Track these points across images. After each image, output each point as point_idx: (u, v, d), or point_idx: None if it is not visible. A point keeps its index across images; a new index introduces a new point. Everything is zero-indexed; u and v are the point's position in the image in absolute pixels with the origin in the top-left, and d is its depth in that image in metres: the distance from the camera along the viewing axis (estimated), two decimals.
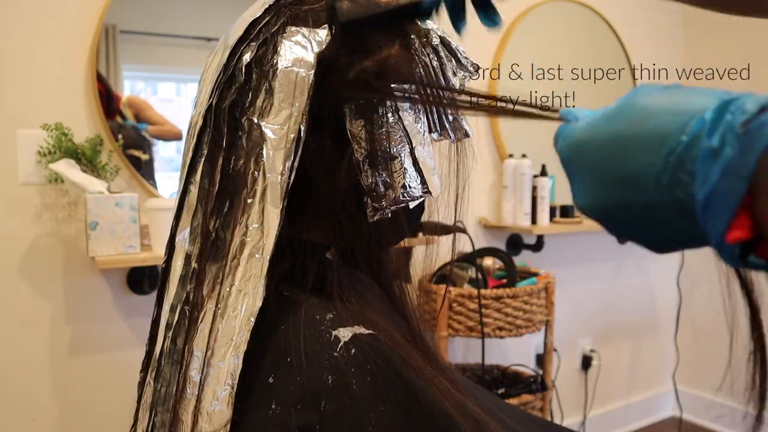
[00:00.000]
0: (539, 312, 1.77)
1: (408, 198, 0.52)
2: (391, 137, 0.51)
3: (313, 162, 0.50)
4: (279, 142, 0.48)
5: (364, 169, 0.50)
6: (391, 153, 0.51)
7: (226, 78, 0.49)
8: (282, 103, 0.48)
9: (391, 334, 0.48)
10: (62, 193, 1.46)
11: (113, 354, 1.54)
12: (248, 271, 0.47)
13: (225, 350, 0.46)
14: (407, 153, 0.52)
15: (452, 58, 0.55)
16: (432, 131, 0.55)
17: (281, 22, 0.50)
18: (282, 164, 0.48)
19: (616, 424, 2.57)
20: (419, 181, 0.52)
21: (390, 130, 0.51)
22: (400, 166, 0.51)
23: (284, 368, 0.45)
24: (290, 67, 0.49)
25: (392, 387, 0.44)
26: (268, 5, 0.51)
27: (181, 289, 0.50)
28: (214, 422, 0.45)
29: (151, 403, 0.50)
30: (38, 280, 1.45)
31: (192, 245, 0.50)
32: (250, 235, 0.48)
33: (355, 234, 0.52)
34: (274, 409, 0.43)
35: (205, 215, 0.50)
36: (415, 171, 0.52)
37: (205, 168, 0.50)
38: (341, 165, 0.50)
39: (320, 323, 0.46)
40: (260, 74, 0.49)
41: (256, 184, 0.48)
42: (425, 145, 0.53)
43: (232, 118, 0.49)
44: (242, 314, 0.46)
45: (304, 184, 0.50)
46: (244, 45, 0.50)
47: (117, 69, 1.57)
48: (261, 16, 0.50)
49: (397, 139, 0.51)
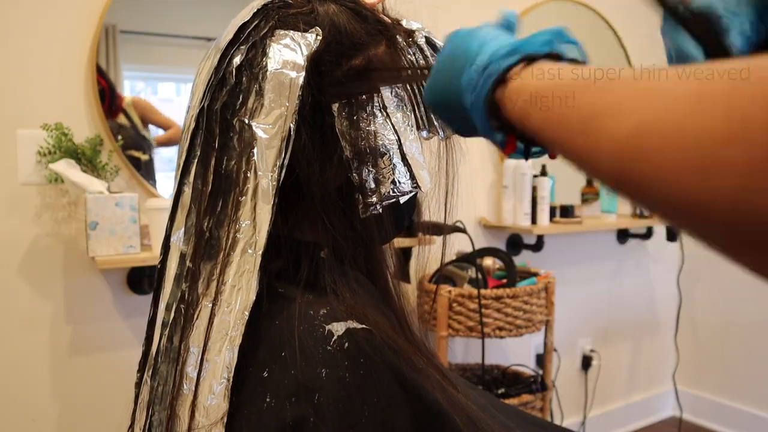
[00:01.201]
0: (539, 312, 1.77)
1: (398, 193, 0.53)
2: (379, 134, 0.52)
3: (303, 161, 0.51)
4: (270, 141, 0.49)
5: (353, 167, 0.51)
6: (379, 150, 0.52)
7: (217, 81, 0.51)
8: (272, 104, 0.50)
9: (383, 328, 0.48)
10: (62, 193, 1.46)
11: (113, 354, 1.54)
12: (241, 266, 0.48)
13: (220, 344, 0.47)
14: (396, 149, 0.53)
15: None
16: (420, 128, 0.57)
17: (270, 25, 0.51)
18: (273, 162, 0.49)
19: (616, 424, 2.57)
20: (408, 176, 0.54)
21: (378, 127, 0.52)
22: (389, 162, 0.53)
23: (278, 362, 0.45)
24: (280, 68, 0.50)
25: (385, 380, 0.45)
26: (257, 9, 0.53)
27: (177, 287, 0.50)
28: (211, 416, 0.45)
29: (148, 401, 0.51)
30: (38, 280, 1.45)
31: (186, 245, 0.51)
32: (243, 231, 0.49)
33: (347, 231, 0.53)
34: (269, 402, 0.44)
35: (199, 215, 0.51)
36: (404, 166, 0.54)
37: (198, 169, 0.51)
38: (331, 163, 0.52)
39: (314, 318, 0.47)
40: (250, 76, 0.50)
41: (248, 183, 0.49)
42: (414, 141, 0.55)
43: (223, 119, 0.51)
44: (236, 309, 0.47)
45: (296, 183, 0.51)
46: (234, 48, 0.51)
47: (117, 69, 1.57)
48: (250, 20, 0.52)
49: (385, 135, 0.53)
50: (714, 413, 2.61)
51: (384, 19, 0.56)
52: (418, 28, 0.57)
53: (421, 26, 0.57)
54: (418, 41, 0.56)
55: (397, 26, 0.56)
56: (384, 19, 0.56)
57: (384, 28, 0.55)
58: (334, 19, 0.52)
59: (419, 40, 0.56)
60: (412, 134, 0.55)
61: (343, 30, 0.52)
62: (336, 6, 0.53)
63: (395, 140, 0.53)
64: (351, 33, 0.52)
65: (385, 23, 0.55)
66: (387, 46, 0.54)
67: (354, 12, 0.54)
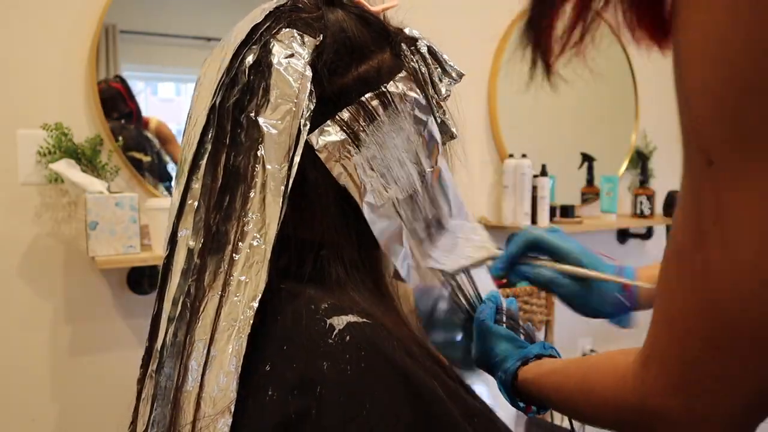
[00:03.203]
0: (539, 312, 1.77)
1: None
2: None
3: (307, 160, 0.51)
4: (278, 137, 0.50)
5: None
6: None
7: (229, 79, 0.51)
8: (278, 99, 0.50)
9: (384, 322, 0.49)
10: (62, 193, 1.46)
11: (113, 354, 1.54)
12: (250, 258, 0.49)
13: (228, 334, 0.47)
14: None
15: (438, 66, 0.58)
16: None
17: (280, 26, 0.53)
18: (282, 157, 0.50)
19: None
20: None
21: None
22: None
23: (281, 356, 0.46)
24: (286, 66, 0.50)
25: (386, 373, 0.45)
26: (269, 11, 0.53)
27: (184, 282, 0.51)
28: (218, 405, 0.46)
29: (152, 396, 0.51)
30: (38, 280, 1.45)
31: (194, 240, 0.51)
32: (251, 224, 0.49)
33: (350, 232, 0.54)
34: (271, 395, 0.44)
35: (208, 210, 0.51)
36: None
37: (208, 165, 0.52)
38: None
39: (316, 312, 0.48)
40: (257, 73, 0.51)
41: (256, 177, 0.50)
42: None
43: (234, 117, 0.51)
44: (245, 299, 0.48)
45: (300, 183, 0.51)
46: (246, 48, 0.52)
47: (117, 69, 1.57)
48: (262, 21, 0.53)
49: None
50: None
51: (388, 26, 0.57)
52: (420, 37, 0.58)
53: (423, 36, 0.58)
54: (421, 50, 0.57)
55: (400, 34, 0.57)
56: (389, 27, 0.57)
57: (389, 35, 0.56)
58: (342, 24, 0.53)
59: (422, 49, 0.57)
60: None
61: (351, 35, 0.53)
62: (344, 12, 0.55)
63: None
64: (359, 38, 0.54)
65: (390, 30, 0.57)
66: (391, 53, 0.55)
67: (361, 18, 0.55)
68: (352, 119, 0.52)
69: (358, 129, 0.52)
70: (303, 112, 0.50)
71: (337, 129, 0.52)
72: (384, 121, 0.53)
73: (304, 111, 0.50)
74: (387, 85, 0.53)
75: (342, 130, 0.52)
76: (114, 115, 1.51)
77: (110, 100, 1.50)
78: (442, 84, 0.58)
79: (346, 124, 0.52)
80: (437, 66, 0.58)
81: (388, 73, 0.54)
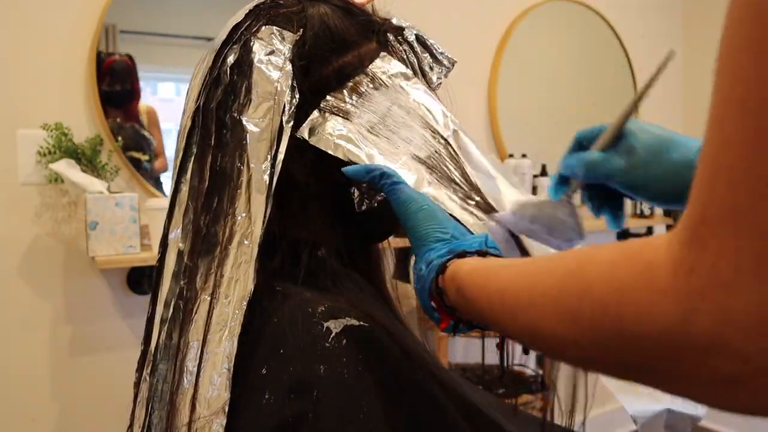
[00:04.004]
0: None
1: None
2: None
3: (296, 156, 0.51)
4: (261, 134, 0.50)
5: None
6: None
7: (212, 80, 0.52)
8: (259, 98, 0.50)
9: (381, 324, 0.49)
10: (62, 193, 1.46)
11: (113, 354, 1.54)
12: (238, 258, 0.49)
13: (220, 335, 0.47)
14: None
15: (427, 54, 0.57)
16: None
17: (260, 24, 0.52)
18: (265, 154, 0.50)
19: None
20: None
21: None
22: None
23: (277, 359, 0.46)
24: (266, 63, 0.50)
25: (383, 376, 0.45)
26: (249, 10, 0.54)
27: (175, 284, 0.51)
28: (212, 406, 0.46)
29: (147, 398, 0.51)
30: (38, 280, 1.45)
31: (184, 242, 0.51)
32: (239, 224, 0.50)
33: (343, 229, 0.54)
34: (268, 399, 0.44)
35: (196, 211, 0.51)
36: None
37: (195, 167, 0.52)
38: (325, 160, 0.52)
39: (312, 315, 0.47)
40: (240, 73, 0.51)
41: (242, 176, 0.50)
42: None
43: (218, 117, 0.51)
44: (234, 299, 0.48)
45: (290, 180, 0.51)
46: (227, 48, 0.52)
47: None
48: (242, 20, 0.53)
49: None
50: (714, 412, 2.60)
51: (374, 17, 0.57)
52: (408, 26, 0.57)
53: (411, 24, 0.57)
54: (409, 39, 0.56)
55: (386, 23, 0.56)
56: (374, 17, 0.57)
57: (374, 26, 0.55)
58: (323, 17, 0.53)
59: (409, 38, 0.56)
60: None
61: (332, 27, 0.53)
62: (326, 5, 0.54)
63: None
64: (341, 30, 0.53)
65: (374, 21, 0.56)
66: (377, 43, 0.55)
67: (344, 10, 0.55)
68: (339, 101, 0.52)
69: (347, 106, 0.52)
70: (285, 107, 0.50)
71: (326, 115, 0.51)
72: (372, 93, 0.53)
73: (286, 107, 0.50)
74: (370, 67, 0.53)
75: (331, 113, 0.51)
76: (117, 87, 1.55)
77: (121, 71, 1.57)
78: (433, 72, 0.57)
79: (333, 108, 0.52)
80: (426, 54, 0.57)
81: (371, 60, 0.54)
